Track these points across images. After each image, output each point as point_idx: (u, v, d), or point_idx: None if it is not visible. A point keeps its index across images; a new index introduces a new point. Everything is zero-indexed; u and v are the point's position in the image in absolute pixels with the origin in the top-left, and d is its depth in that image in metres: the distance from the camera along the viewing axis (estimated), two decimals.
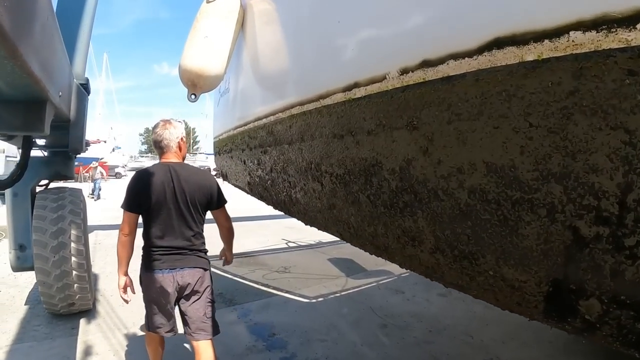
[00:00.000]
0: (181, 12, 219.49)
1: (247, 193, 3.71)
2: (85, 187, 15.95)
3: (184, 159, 2.69)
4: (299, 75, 2.21)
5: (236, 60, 3.30)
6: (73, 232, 3.80)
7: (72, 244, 3.78)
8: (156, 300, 2.47)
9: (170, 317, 2.54)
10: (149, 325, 2.56)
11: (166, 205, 2.42)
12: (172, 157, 2.59)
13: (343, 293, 5.78)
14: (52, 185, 4.58)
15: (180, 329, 2.67)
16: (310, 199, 2.28)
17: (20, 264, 3.94)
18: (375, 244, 2.03)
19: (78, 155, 4.55)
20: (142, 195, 2.41)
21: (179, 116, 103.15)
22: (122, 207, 2.45)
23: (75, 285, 3.89)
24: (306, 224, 2.65)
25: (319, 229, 2.55)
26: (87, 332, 4.03)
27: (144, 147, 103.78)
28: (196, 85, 3.06)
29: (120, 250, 2.45)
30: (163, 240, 2.43)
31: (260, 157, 2.88)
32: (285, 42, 2.39)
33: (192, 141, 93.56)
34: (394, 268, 7.23)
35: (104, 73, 54.41)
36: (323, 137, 1.98)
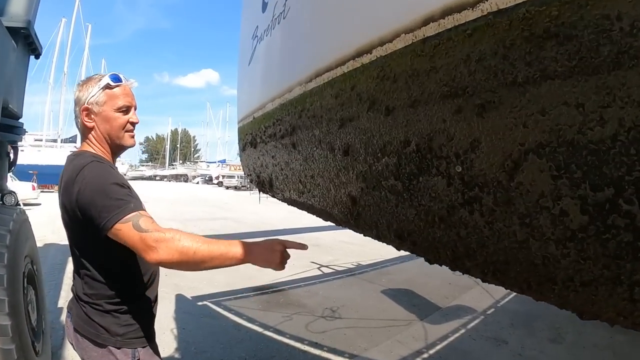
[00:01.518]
0: (182, 22, 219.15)
1: (328, 219, 1.74)
2: None
3: (113, 147, 1.44)
4: None
5: None
6: None
7: None
8: None
9: None
10: None
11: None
12: (82, 144, 1.46)
13: (431, 352, 3.80)
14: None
15: None
16: None
17: None
18: None
19: None
20: None
21: (180, 125, 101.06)
22: None
23: None
24: None
25: None
26: None
27: (145, 155, 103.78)
28: None
29: None
30: None
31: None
32: None
33: (192, 149, 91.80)
34: (469, 300, 5.31)
35: None
36: None
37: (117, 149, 1.44)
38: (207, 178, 52.92)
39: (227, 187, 39.61)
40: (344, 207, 1.52)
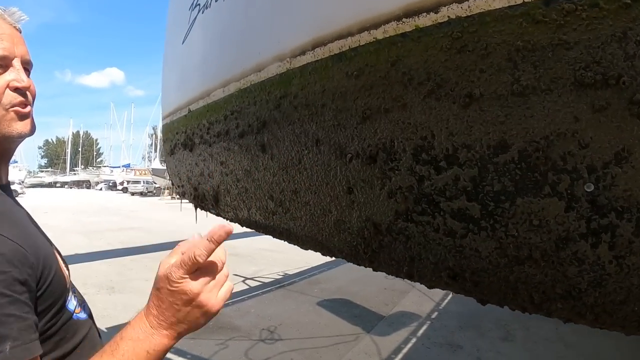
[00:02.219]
0: (90, 16, 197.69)
1: (316, 249, 1.24)
2: None
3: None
4: None
5: None
6: None
7: None
8: None
9: None
10: None
11: None
12: None
13: None
14: None
15: None
16: None
17: None
18: None
19: None
20: None
21: (81, 127, 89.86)
22: None
23: None
24: None
25: None
26: None
27: (44, 160, 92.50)
28: None
29: None
30: None
31: None
32: None
33: (95, 153, 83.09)
34: (410, 306, 5.16)
35: None
36: None
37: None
38: (111, 184, 48.77)
39: (133, 194, 36.77)
40: (353, 237, 1.04)
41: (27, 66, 0.77)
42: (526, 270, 0.73)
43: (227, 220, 1.76)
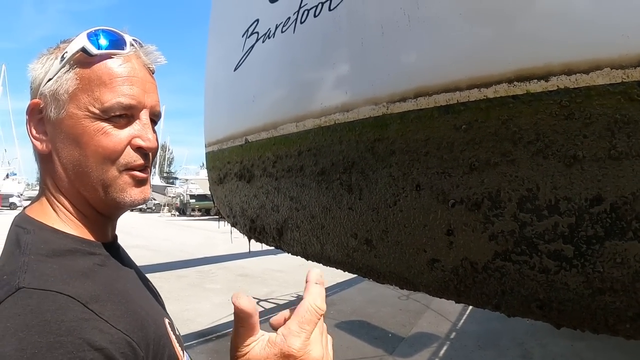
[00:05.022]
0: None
1: (400, 284, 1.26)
2: None
3: (95, 204, 0.66)
4: None
5: None
6: None
7: None
8: None
9: None
10: None
11: None
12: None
13: None
14: None
15: None
16: None
17: None
18: None
19: None
20: None
21: None
22: None
23: None
24: None
25: None
26: None
27: None
28: None
29: None
30: None
31: None
32: None
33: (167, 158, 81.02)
34: (427, 326, 5.14)
35: (0, 88, 43.83)
36: None
37: (104, 207, 0.66)
38: None
39: (132, 209, 36.58)
40: (446, 274, 1.08)
41: (155, 118, 0.69)
42: (606, 299, 0.85)
43: (288, 253, 1.77)
